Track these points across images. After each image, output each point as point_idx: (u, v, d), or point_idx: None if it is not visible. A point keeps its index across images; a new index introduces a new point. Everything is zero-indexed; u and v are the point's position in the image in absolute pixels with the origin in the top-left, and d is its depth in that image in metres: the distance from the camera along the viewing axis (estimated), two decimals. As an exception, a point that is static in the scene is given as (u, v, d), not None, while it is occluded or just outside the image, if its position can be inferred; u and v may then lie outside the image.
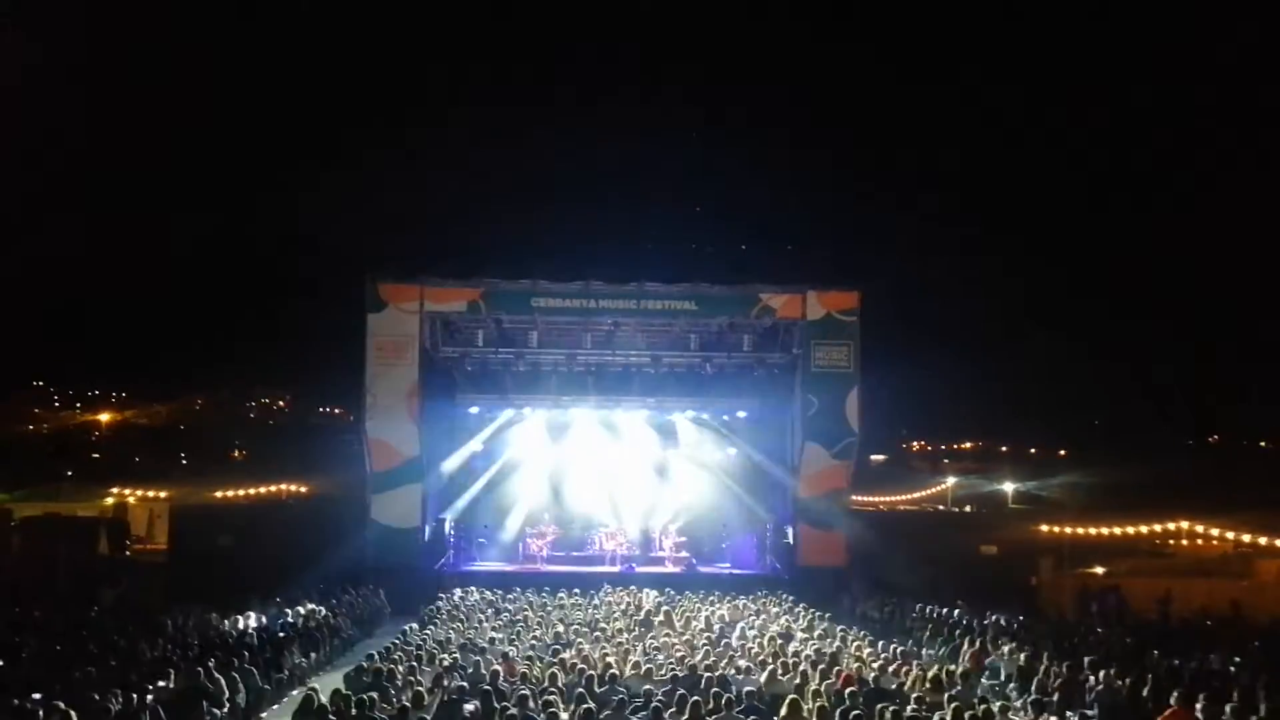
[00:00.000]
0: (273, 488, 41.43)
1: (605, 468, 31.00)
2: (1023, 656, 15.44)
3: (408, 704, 11.49)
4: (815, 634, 17.39)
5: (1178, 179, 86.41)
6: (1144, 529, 36.81)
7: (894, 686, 13.04)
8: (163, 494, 39.03)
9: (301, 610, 19.87)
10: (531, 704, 11.68)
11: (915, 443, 79.90)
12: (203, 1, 77.85)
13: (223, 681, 13.30)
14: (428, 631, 17.31)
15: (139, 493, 39.80)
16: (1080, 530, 36.10)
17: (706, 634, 17.24)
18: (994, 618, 19.97)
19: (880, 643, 16.49)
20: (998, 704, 12.23)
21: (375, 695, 11.73)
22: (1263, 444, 68.82)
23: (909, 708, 11.44)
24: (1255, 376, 61.54)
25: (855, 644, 16.03)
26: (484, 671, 13.38)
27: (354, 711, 11.28)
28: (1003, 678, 15.07)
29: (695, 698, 11.43)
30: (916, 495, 55.61)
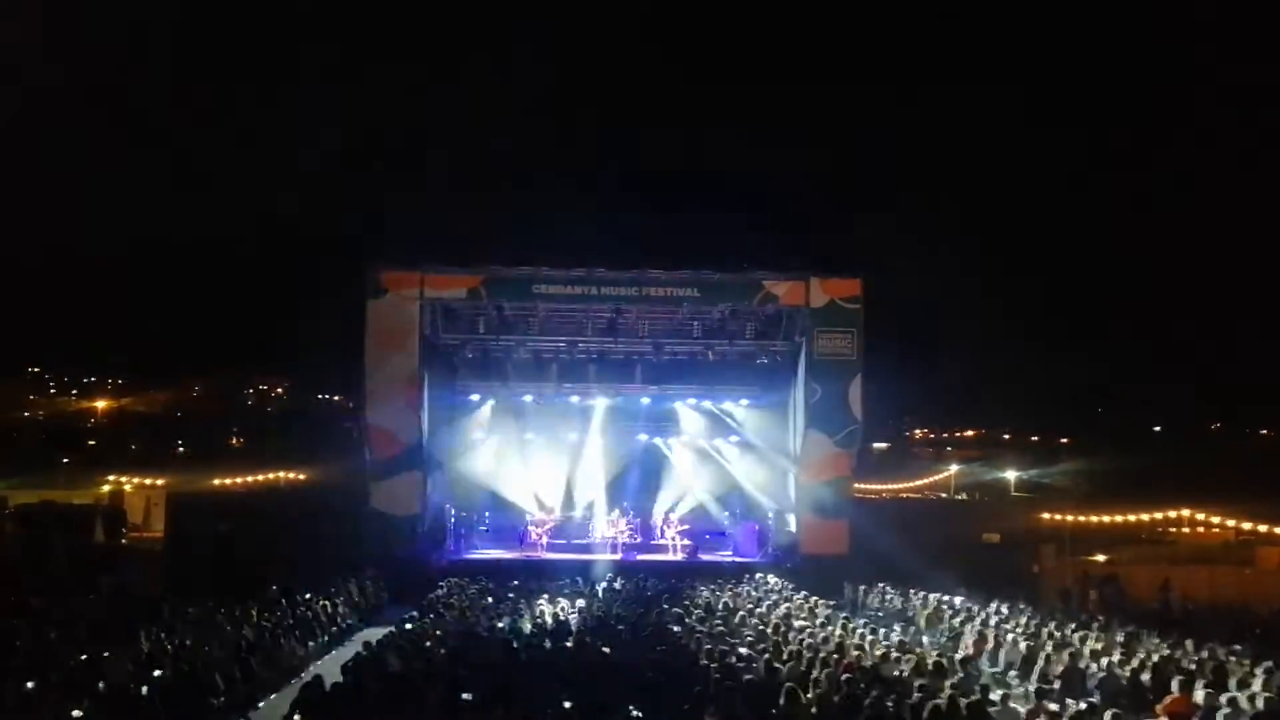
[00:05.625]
0: (271, 475, 41.39)
1: (606, 455, 30.91)
2: (1024, 644, 15.36)
3: (407, 694, 11.37)
4: (817, 622, 17.29)
5: (1180, 178, 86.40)
6: (1146, 517, 36.80)
7: (895, 674, 12.92)
8: (159, 482, 38.99)
9: (300, 599, 19.76)
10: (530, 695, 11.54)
11: (918, 430, 79.68)
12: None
13: (220, 671, 13.20)
14: (427, 620, 17.21)
15: (135, 480, 39.78)
16: (1082, 518, 36.03)
17: (709, 621, 17.11)
18: (996, 605, 19.89)
19: (882, 630, 16.40)
20: (999, 692, 12.15)
21: (374, 685, 11.61)
22: (1264, 432, 68.76)
23: (910, 696, 11.33)
24: (1257, 363, 61.48)
25: (857, 631, 15.93)
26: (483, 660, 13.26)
27: (353, 701, 11.17)
28: (1004, 665, 14.98)
29: (697, 686, 11.33)
30: (919, 483, 55.47)
